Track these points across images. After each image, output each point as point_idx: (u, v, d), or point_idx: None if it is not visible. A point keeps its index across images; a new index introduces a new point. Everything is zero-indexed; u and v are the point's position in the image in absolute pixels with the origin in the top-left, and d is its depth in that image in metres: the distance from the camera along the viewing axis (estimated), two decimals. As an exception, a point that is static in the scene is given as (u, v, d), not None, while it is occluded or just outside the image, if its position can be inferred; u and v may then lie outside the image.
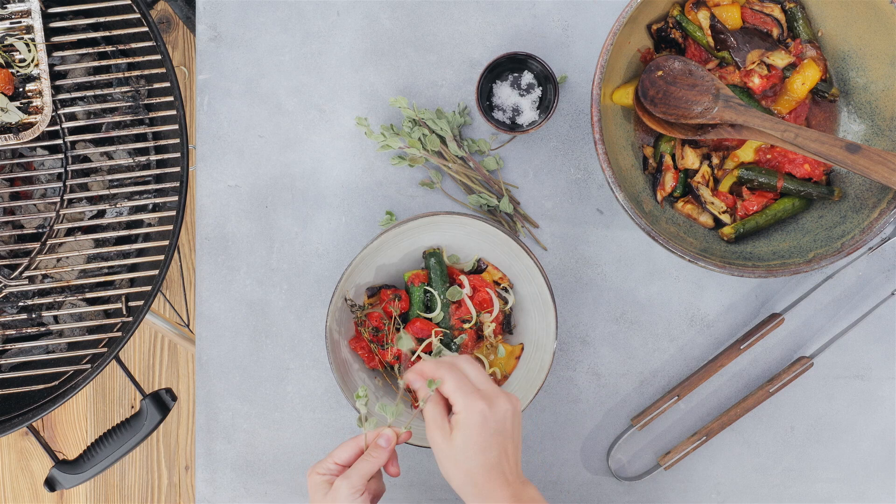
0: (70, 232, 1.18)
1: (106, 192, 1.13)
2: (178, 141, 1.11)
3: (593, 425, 1.05)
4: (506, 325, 0.99)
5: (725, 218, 0.99)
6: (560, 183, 1.04)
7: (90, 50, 1.14)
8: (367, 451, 0.81)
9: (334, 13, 1.05)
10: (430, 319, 0.97)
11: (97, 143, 1.18)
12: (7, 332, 1.15)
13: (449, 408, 0.81)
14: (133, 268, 1.21)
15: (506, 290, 0.98)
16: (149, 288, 1.12)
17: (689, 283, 1.04)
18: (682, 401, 1.04)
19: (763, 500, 1.05)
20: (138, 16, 1.11)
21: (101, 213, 1.20)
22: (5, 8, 1.08)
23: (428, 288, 0.97)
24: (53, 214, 1.13)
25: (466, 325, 0.97)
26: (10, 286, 1.12)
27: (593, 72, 1.03)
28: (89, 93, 1.13)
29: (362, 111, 1.05)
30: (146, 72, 1.14)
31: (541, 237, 1.04)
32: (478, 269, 0.99)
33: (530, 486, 0.79)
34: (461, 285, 0.98)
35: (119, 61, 1.15)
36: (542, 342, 0.96)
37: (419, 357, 0.97)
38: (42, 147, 1.16)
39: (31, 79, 1.09)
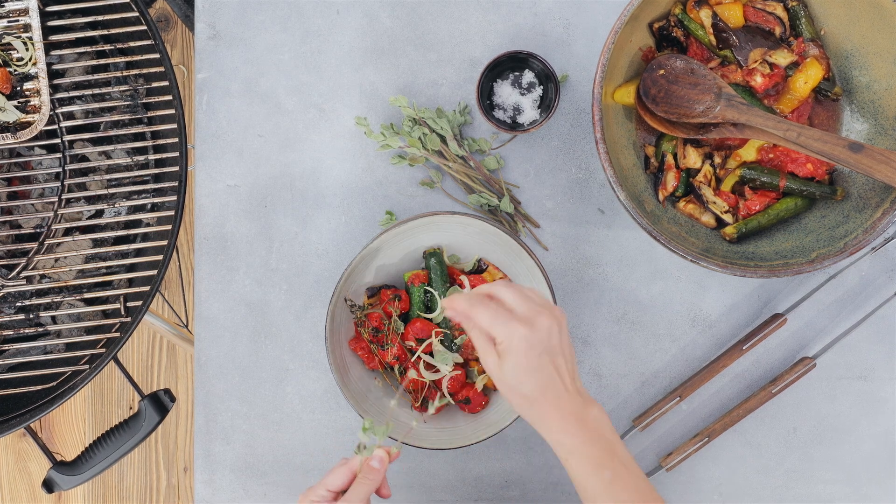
0: (68, 232, 1.18)
1: (104, 191, 1.13)
2: (176, 140, 1.11)
3: (594, 426, 1.04)
4: (506, 325, 0.98)
5: (727, 218, 0.98)
6: (561, 182, 1.04)
7: (88, 49, 1.14)
8: (361, 473, 0.80)
9: (334, 11, 1.05)
10: (431, 320, 0.97)
11: (95, 142, 1.18)
12: (5, 333, 1.15)
13: None
14: (131, 268, 1.20)
15: None
16: (147, 288, 1.11)
17: (691, 283, 1.04)
18: (683, 402, 1.04)
19: (765, 501, 1.04)
20: (136, 14, 1.10)
21: (99, 213, 1.19)
22: (3, 6, 1.08)
23: (428, 288, 0.97)
24: (51, 214, 1.12)
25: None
26: (8, 286, 1.12)
27: (594, 70, 1.02)
28: (87, 92, 1.12)
29: (362, 110, 1.05)
30: (144, 71, 1.13)
31: (542, 237, 1.04)
32: (478, 269, 0.98)
33: (593, 404, 0.77)
34: (461, 285, 0.97)
35: (117, 60, 1.14)
36: None
37: (419, 358, 0.96)
38: (40, 146, 1.16)
39: (28, 78, 1.09)
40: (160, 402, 1.13)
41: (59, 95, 1.11)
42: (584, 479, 0.76)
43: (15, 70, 1.08)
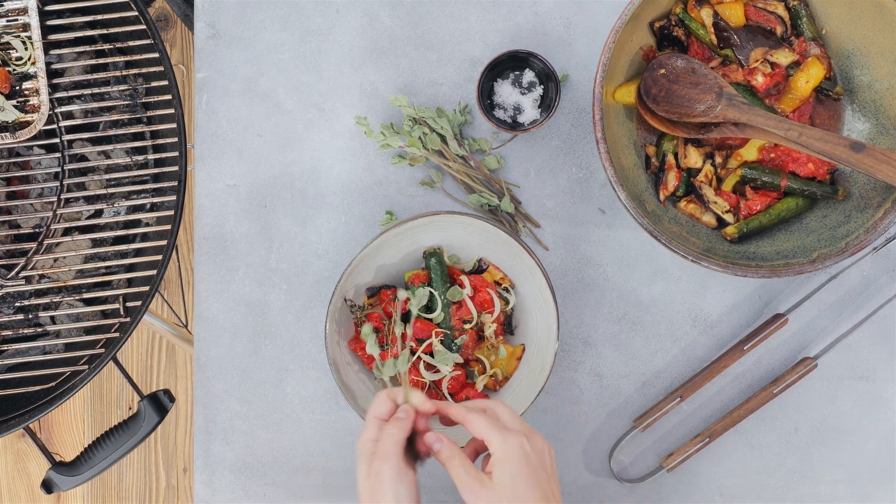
0: (67, 232, 1.18)
1: (103, 191, 1.13)
2: (176, 140, 1.11)
3: (595, 427, 1.04)
4: (507, 325, 0.98)
5: (728, 217, 0.98)
6: (561, 182, 1.04)
7: (87, 48, 1.13)
8: (387, 423, 0.77)
9: (334, 11, 1.05)
10: (431, 320, 0.96)
11: (94, 142, 1.17)
12: (4, 333, 1.15)
13: (474, 456, 0.79)
14: (131, 268, 1.20)
15: (507, 290, 0.98)
16: (146, 288, 1.11)
17: (692, 283, 1.03)
18: (684, 402, 1.03)
19: (766, 501, 1.04)
20: (136, 13, 1.10)
21: (98, 213, 1.19)
22: (2, 6, 1.08)
23: (428, 288, 0.96)
24: (50, 214, 1.12)
25: (467, 326, 0.96)
26: (7, 286, 1.12)
27: (595, 70, 1.02)
28: (87, 91, 1.12)
29: (362, 110, 1.04)
30: (144, 70, 1.13)
31: (542, 237, 1.04)
32: (479, 269, 0.98)
33: None
34: (462, 285, 0.97)
35: (117, 59, 1.14)
36: (543, 343, 0.95)
37: (419, 358, 0.96)
38: (39, 146, 1.16)
39: (27, 77, 1.08)
40: (159, 403, 1.13)
41: (58, 95, 1.10)
42: None
43: (14, 69, 1.08)
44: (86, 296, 1.13)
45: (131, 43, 1.12)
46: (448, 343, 0.96)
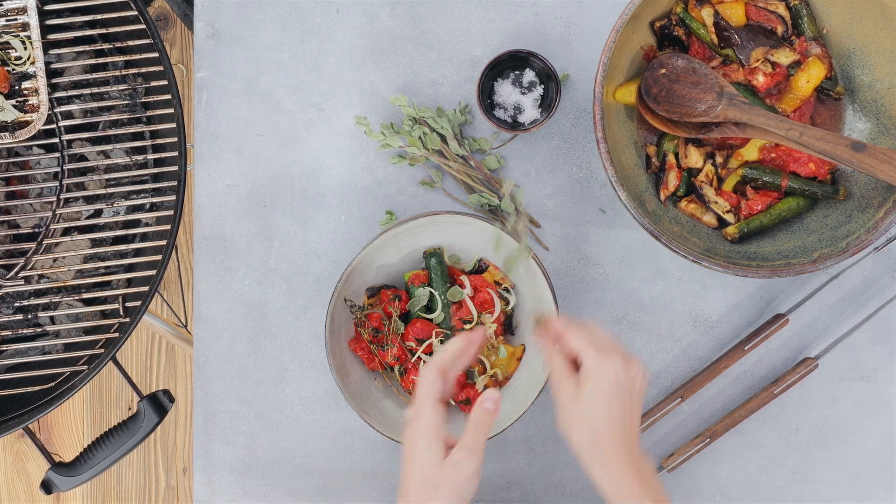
0: (66, 232, 1.17)
1: (103, 191, 1.12)
2: (175, 140, 1.11)
3: (596, 427, 1.04)
4: (507, 325, 0.98)
5: (729, 217, 0.98)
6: (562, 182, 1.03)
7: (87, 48, 1.13)
8: (474, 420, 0.76)
9: (334, 10, 1.05)
10: (431, 320, 0.96)
11: (94, 141, 1.17)
12: (3, 333, 1.15)
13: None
14: (130, 268, 1.20)
15: (507, 290, 0.97)
16: (146, 288, 1.11)
17: (693, 283, 1.03)
18: (685, 402, 1.03)
19: (767, 502, 1.04)
20: (135, 13, 1.10)
21: (97, 213, 1.19)
22: (1, 5, 1.07)
23: (428, 288, 0.96)
24: (50, 214, 1.12)
25: (467, 326, 0.96)
26: (6, 286, 1.11)
27: (596, 70, 1.02)
28: (86, 91, 1.12)
29: (362, 109, 1.04)
30: (143, 70, 1.13)
31: (542, 237, 1.03)
32: (479, 269, 0.98)
33: (649, 460, 0.77)
34: (462, 286, 0.97)
35: (116, 59, 1.14)
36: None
37: (419, 358, 0.96)
38: (38, 146, 1.15)
39: (27, 77, 1.08)
40: (159, 403, 1.12)
41: (57, 94, 1.10)
42: None
43: (13, 69, 1.08)
44: (85, 296, 1.13)
45: (131, 42, 1.11)
46: (448, 343, 0.96)
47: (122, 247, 1.14)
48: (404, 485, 0.77)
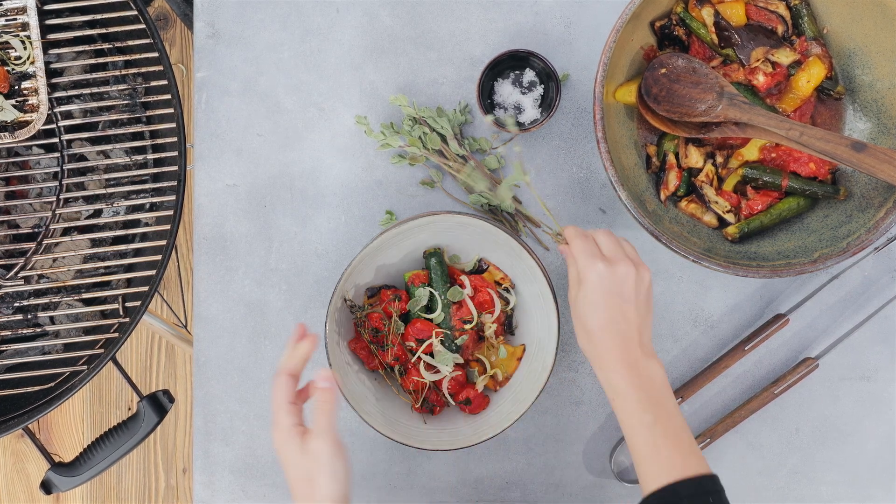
0: (66, 232, 1.17)
1: (102, 191, 1.12)
2: (175, 140, 1.11)
3: (596, 427, 1.04)
4: (507, 325, 0.98)
5: (730, 217, 0.98)
6: (562, 182, 1.03)
7: (87, 47, 1.13)
8: (317, 402, 0.80)
9: (334, 10, 1.04)
10: (431, 320, 0.96)
11: (94, 141, 1.17)
12: (3, 334, 1.14)
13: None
14: (130, 268, 1.20)
15: (507, 290, 0.97)
16: (146, 288, 1.11)
17: (693, 283, 1.03)
18: (685, 402, 1.03)
19: (767, 502, 1.04)
20: (135, 13, 1.10)
21: (97, 213, 1.19)
22: (1, 5, 1.07)
23: (429, 288, 0.96)
24: (49, 214, 1.12)
25: (467, 326, 0.96)
26: (6, 286, 1.11)
27: (596, 69, 1.02)
28: (86, 91, 1.12)
29: (362, 109, 1.04)
30: (143, 70, 1.13)
31: (542, 237, 1.03)
32: (479, 269, 0.98)
33: (654, 358, 0.79)
34: (462, 286, 0.97)
35: (116, 59, 1.14)
36: (543, 343, 0.95)
37: (419, 359, 0.96)
38: (38, 146, 1.15)
39: (26, 76, 1.08)
40: (159, 403, 1.12)
41: (57, 94, 1.10)
42: (626, 420, 0.78)
43: (13, 69, 1.08)
44: (85, 296, 1.13)
45: (130, 42, 1.11)
46: (448, 343, 0.96)
47: (122, 247, 1.14)
48: (290, 489, 0.79)
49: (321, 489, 0.76)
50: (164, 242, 1.10)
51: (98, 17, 1.11)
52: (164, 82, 1.10)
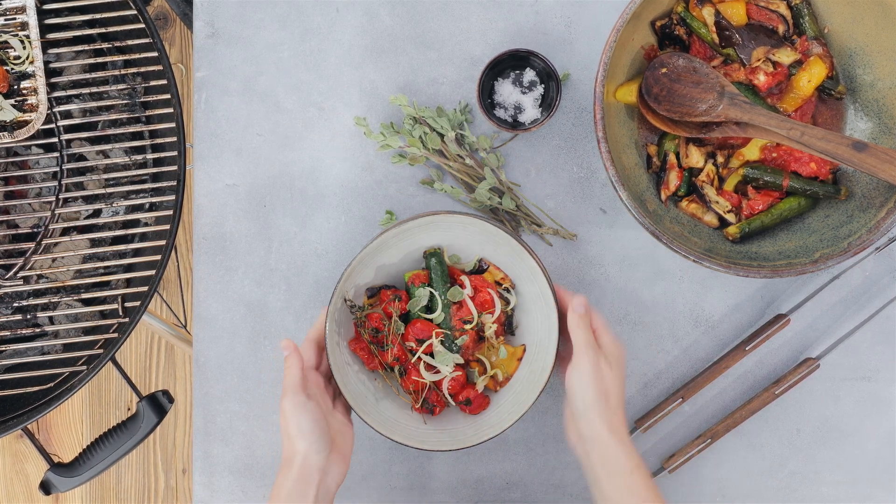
0: (65, 231, 1.17)
1: (102, 191, 1.12)
2: (175, 139, 1.10)
3: (596, 427, 1.04)
4: (507, 326, 0.98)
5: (730, 217, 0.97)
6: (562, 181, 1.03)
7: (86, 47, 1.13)
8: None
9: (334, 10, 1.04)
10: (431, 320, 0.96)
11: (93, 141, 1.17)
12: (2, 334, 1.14)
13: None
14: (129, 268, 1.19)
15: (508, 290, 0.97)
16: (145, 288, 1.10)
17: (694, 283, 1.03)
18: (686, 403, 1.03)
19: (768, 502, 1.04)
20: (135, 12, 1.10)
21: (97, 213, 1.18)
22: (0, 4, 1.07)
23: (429, 288, 0.96)
24: (49, 214, 1.11)
25: (468, 326, 0.96)
26: (5, 287, 1.11)
27: (596, 69, 1.02)
28: (85, 90, 1.11)
29: (362, 109, 1.04)
30: (143, 69, 1.12)
31: (543, 236, 1.03)
32: (479, 269, 0.98)
33: (625, 426, 0.88)
34: (462, 286, 0.96)
35: (115, 59, 1.13)
36: (544, 344, 0.94)
37: (419, 359, 0.96)
38: (37, 145, 1.15)
39: (25, 76, 1.08)
40: (158, 404, 1.12)
41: (56, 94, 1.10)
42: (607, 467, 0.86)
43: (12, 68, 1.08)
44: (84, 296, 1.13)
45: (130, 42, 1.11)
46: (448, 343, 0.96)
47: (122, 247, 1.13)
48: None
49: (288, 443, 0.85)
50: (163, 242, 1.10)
51: (97, 16, 1.10)
52: (164, 82, 1.10)
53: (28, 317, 1.13)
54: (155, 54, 1.10)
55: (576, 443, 0.88)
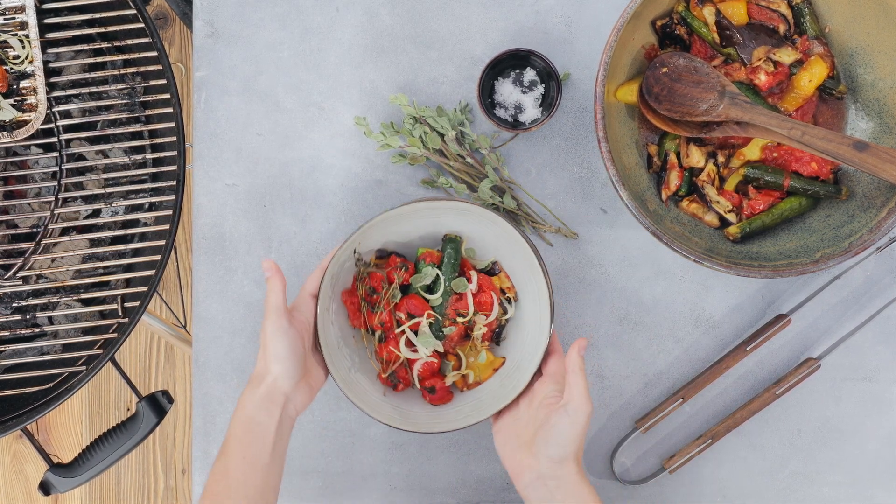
0: (65, 231, 1.17)
1: (101, 191, 1.12)
2: (174, 139, 1.10)
3: (597, 428, 1.03)
4: (496, 334, 0.97)
5: (731, 217, 0.97)
6: (563, 181, 1.03)
7: (85, 46, 1.13)
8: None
9: (334, 9, 1.04)
10: (428, 301, 0.95)
11: (92, 141, 1.17)
12: (1, 334, 1.14)
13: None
14: (129, 268, 1.19)
15: (510, 301, 0.96)
16: (145, 288, 1.10)
17: (695, 283, 1.03)
18: (686, 403, 1.03)
19: (769, 503, 1.03)
20: (134, 12, 1.09)
21: (96, 213, 1.18)
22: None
23: (437, 270, 0.95)
24: (48, 214, 1.11)
25: (460, 320, 0.95)
26: (5, 287, 1.11)
27: (597, 69, 1.01)
28: (84, 90, 1.11)
29: (362, 108, 1.04)
30: (142, 69, 1.12)
31: (543, 235, 1.03)
32: (490, 270, 0.97)
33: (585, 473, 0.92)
34: (469, 279, 0.96)
35: (115, 58, 1.13)
36: (524, 366, 0.93)
37: (403, 332, 0.94)
38: (36, 145, 1.15)
39: (25, 76, 1.08)
40: (158, 404, 1.12)
41: (55, 94, 1.10)
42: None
43: (11, 68, 1.07)
44: (84, 296, 1.13)
45: (129, 41, 1.11)
46: (436, 329, 0.95)
47: (121, 247, 1.13)
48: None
49: (263, 363, 0.87)
50: (163, 242, 1.10)
51: (97, 16, 1.10)
52: (163, 81, 1.10)
53: (27, 317, 1.13)
54: (154, 54, 1.10)
55: (523, 473, 0.87)
